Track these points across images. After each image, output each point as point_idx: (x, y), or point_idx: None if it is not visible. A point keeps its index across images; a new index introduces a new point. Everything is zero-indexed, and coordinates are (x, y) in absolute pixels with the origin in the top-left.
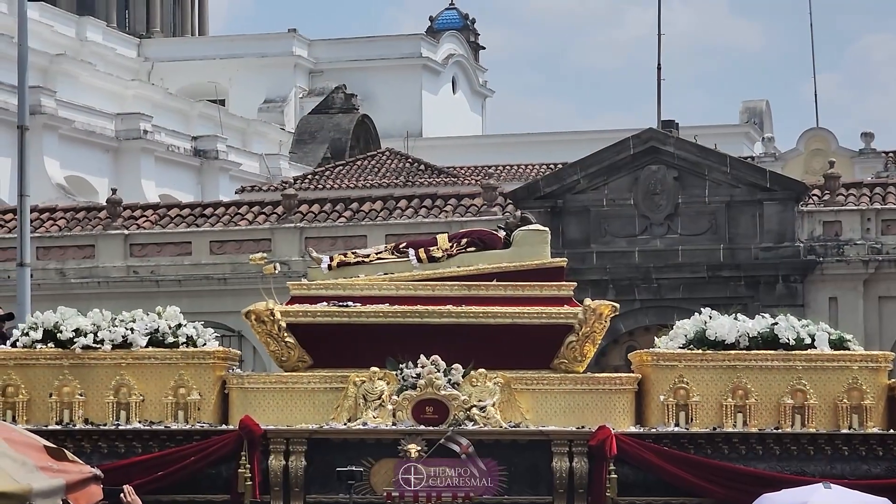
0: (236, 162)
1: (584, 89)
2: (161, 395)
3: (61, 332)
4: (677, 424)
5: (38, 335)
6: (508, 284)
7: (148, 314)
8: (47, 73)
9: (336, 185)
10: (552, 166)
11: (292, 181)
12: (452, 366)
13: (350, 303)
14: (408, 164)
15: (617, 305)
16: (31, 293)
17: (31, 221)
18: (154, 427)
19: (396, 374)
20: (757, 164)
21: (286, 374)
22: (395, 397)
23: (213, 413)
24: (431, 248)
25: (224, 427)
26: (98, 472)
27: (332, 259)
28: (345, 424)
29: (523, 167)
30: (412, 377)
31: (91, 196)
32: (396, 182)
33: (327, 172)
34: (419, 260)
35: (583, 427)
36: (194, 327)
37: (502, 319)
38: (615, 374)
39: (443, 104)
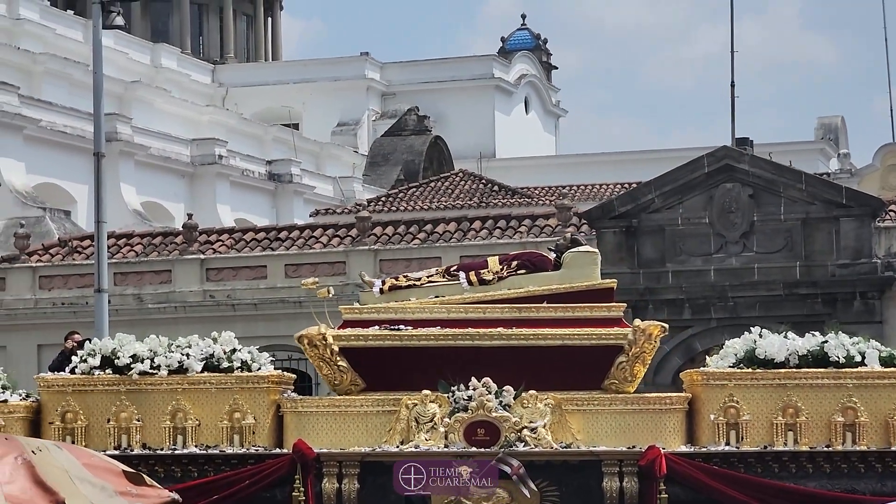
0: (310, 185)
1: (657, 107)
2: (216, 419)
3: (118, 358)
4: (728, 443)
5: (96, 361)
6: (559, 306)
7: (203, 339)
8: (123, 100)
9: (410, 207)
10: (626, 185)
11: (366, 204)
12: (504, 388)
13: (402, 326)
14: (481, 186)
15: (666, 326)
16: (109, 319)
17: (109, 247)
18: (209, 451)
19: (448, 397)
20: (833, 180)
21: (339, 397)
22: (446, 420)
23: (267, 437)
24: (482, 271)
25: (278, 451)
26: (176, 496)
27: (383, 283)
28: (397, 447)
29: (597, 187)
30: (464, 399)
31: (167, 221)
32: (470, 203)
33: (401, 194)
34: (470, 283)
35: (633, 447)
36: (249, 352)
37: (553, 341)
38: (665, 394)
39: (516, 125)
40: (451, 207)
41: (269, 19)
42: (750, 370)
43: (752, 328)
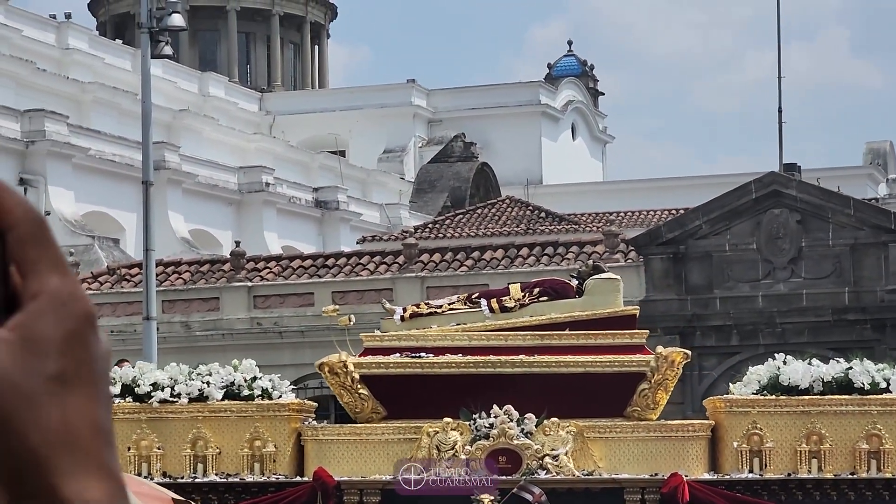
0: (357, 212)
1: (705, 133)
2: (237, 447)
3: (139, 386)
4: (751, 471)
5: (117, 390)
6: (581, 333)
7: (224, 367)
8: (171, 128)
9: (457, 234)
10: (674, 212)
11: (413, 230)
12: (525, 415)
13: (423, 353)
14: (528, 212)
15: (688, 353)
16: (157, 346)
17: (157, 275)
18: (230, 479)
19: (470, 425)
20: (881, 205)
21: (360, 425)
22: (468, 447)
23: (288, 465)
24: (504, 298)
25: (298, 479)
26: None
27: (405, 310)
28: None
29: (645, 213)
30: (485, 427)
31: (215, 249)
32: (517, 230)
33: (448, 221)
34: (491, 310)
35: (656, 474)
36: (270, 380)
37: (574, 368)
38: (688, 421)
39: (562, 151)
40: (498, 234)
41: (316, 47)
42: (773, 397)
43: (775, 355)
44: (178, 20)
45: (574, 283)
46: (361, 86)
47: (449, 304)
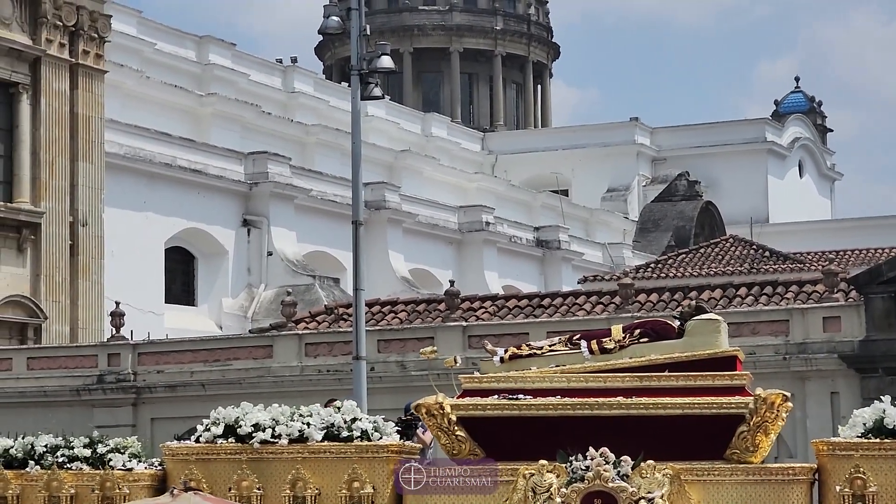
0: (579, 252)
1: None
2: (336, 488)
3: (241, 426)
4: None
5: (220, 430)
6: (680, 375)
7: (325, 408)
8: (393, 168)
9: (678, 274)
10: None
11: (633, 270)
12: (622, 457)
13: (521, 395)
14: (752, 251)
15: (788, 395)
16: (372, 385)
17: (373, 315)
18: None
19: (566, 467)
20: None
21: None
22: (563, 490)
23: None
24: (604, 340)
25: None
26: None
27: (505, 352)
28: None
29: (873, 251)
30: (581, 469)
31: (435, 288)
32: (740, 269)
33: (670, 261)
34: (591, 352)
35: None
36: (372, 422)
37: (672, 410)
38: (789, 465)
39: (789, 189)
40: (720, 274)
41: (539, 87)
42: (878, 440)
43: (882, 398)
44: (387, 62)
45: (676, 323)
46: (584, 124)
47: (549, 346)
